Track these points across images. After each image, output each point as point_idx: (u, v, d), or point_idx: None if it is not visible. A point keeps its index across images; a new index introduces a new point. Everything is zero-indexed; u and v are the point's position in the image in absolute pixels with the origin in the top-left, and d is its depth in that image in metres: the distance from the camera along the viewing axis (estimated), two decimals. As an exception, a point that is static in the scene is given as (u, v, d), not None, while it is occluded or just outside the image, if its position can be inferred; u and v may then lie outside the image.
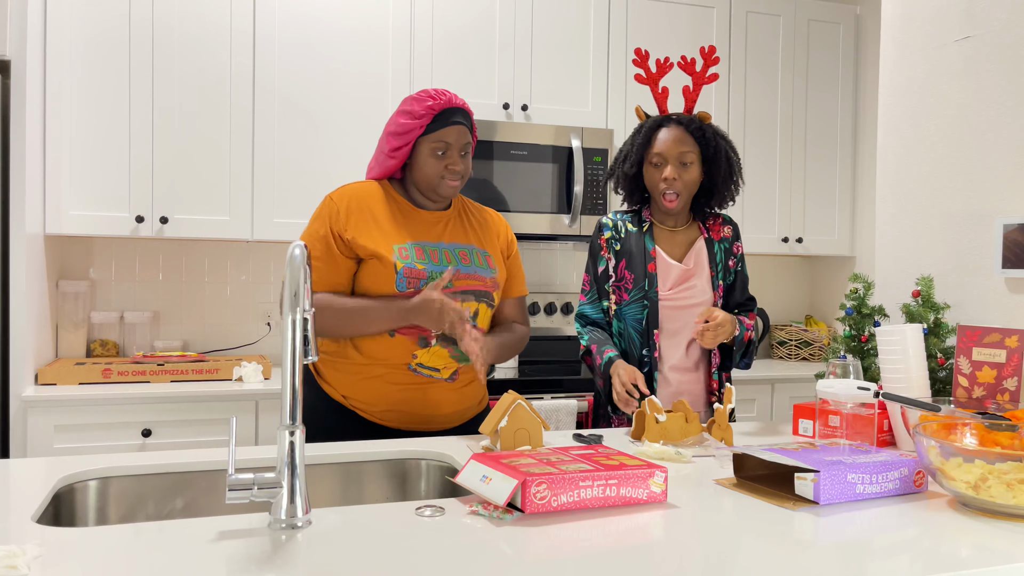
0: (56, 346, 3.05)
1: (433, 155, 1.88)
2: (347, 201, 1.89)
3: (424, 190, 1.93)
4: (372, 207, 1.89)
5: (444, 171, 1.89)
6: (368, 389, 1.90)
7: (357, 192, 1.91)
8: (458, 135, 1.89)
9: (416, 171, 1.91)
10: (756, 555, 1.13)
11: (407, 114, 1.88)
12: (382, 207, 1.90)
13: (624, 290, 2.18)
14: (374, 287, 1.85)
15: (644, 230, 2.19)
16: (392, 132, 1.90)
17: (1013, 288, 1.95)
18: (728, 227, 2.23)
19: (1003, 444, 1.46)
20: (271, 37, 3.04)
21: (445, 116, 1.87)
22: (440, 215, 1.96)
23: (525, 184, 3.27)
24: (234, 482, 1.20)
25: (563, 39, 3.42)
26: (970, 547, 1.19)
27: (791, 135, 3.77)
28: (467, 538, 1.19)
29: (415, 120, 1.87)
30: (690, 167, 2.10)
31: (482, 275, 1.95)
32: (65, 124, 2.84)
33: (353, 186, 1.93)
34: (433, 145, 1.88)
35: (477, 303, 1.93)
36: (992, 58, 2.02)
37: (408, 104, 1.90)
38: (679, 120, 2.12)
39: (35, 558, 1.06)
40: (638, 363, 2.16)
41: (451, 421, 1.97)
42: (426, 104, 1.86)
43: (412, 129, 1.87)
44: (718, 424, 1.86)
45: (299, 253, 1.27)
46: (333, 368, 1.92)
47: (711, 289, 2.17)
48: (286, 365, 1.24)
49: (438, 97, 1.87)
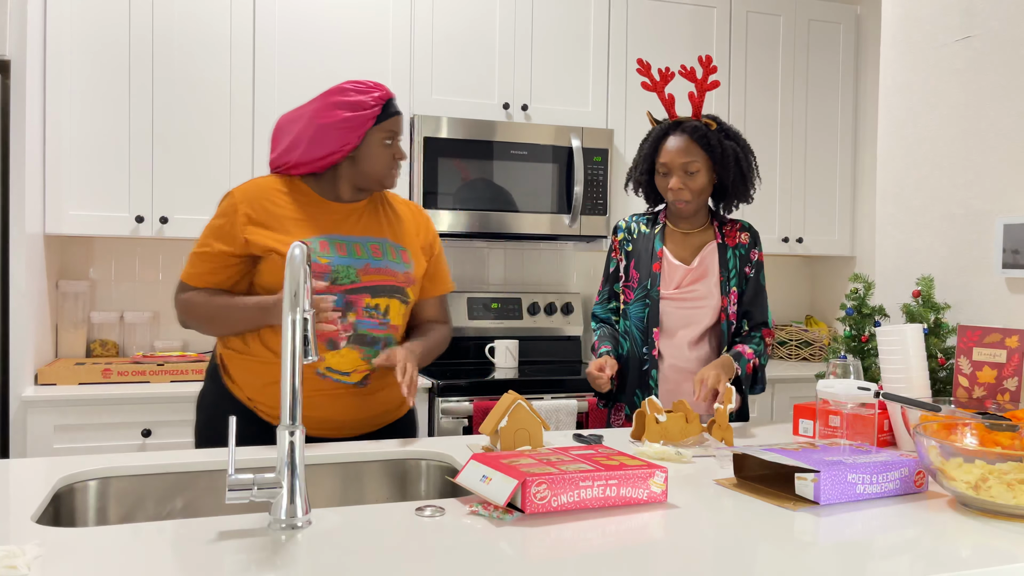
0: (56, 346, 3.05)
1: (382, 145, 1.87)
2: (249, 198, 1.84)
3: (369, 182, 1.89)
4: (276, 202, 1.85)
5: (392, 160, 1.89)
6: (274, 394, 1.83)
7: (260, 187, 1.87)
8: (401, 124, 1.92)
9: (364, 161, 1.87)
10: (756, 555, 1.13)
11: (354, 106, 1.84)
12: (287, 202, 1.86)
13: (630, 289, 2.20)
14: (275, 283, 1.82)
15: (656, 231, 2.21)
16: (336, 126, 1.83)
17: (1013, 288, 1.95)
18: (746, 234, 2.20)
19: (1003, 444, 1.46)
20: (271, 37, 3.04)
21: (390, 105, 1.88)
22: (353, 207, 1.92)
23: (525, 184, 3.27)
24: (234, 482, 1.20)
25: (563, 39, 3.42)
26: (970, 547, 1.19)
27: (791, 135, 3.77)
28: (467, 538, 1.18)
29: (366, 111, 1.84)
30: (696, 175, 2.10)
31: (394, 270, 1.90)
32: (65, 124, 2.84)
33: (256, 182, 1.89)
34: (383, 135, 1.87)
35: (388, 299, 1.88)
36: (992, 58, 2.02)
37: (347, 96, 1.85)
38: (684, 128, 2.11)
39: (35, 558, 1.06)
40: (639, 361, 2.16)
41: (363, 427, 1.90)
42: (374, 95, 1.85)
43: (366, 121, 1.84)
44: (718, 424, 1.86)
45: (299, 253, 1.27)
46: (241, 367, 1.86)
47: (719, 293, 2.15)
48: (286, 365, 1.24)
49: (379, 87, 1.87)
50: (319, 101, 1.87)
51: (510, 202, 3.25)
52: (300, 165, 1.88)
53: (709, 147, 2.09)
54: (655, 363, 2.15)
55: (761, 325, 2.20)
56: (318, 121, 1.85)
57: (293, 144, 1.88)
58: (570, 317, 3.67)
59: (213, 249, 1.83)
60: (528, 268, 3.74)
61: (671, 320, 2.16)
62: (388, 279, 1.88)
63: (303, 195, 1.88)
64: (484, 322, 3.54)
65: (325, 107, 1.85)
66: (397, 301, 1.89)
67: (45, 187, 2.81)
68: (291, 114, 1.92)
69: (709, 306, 2.15)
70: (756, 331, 2.19)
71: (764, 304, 2.21)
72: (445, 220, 3.18)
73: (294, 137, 1.88)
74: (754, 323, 2.20)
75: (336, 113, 1.84)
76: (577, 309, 3.69)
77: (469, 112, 3.28)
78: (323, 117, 1.85)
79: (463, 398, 2.94)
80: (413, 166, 3.19)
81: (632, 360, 2.18)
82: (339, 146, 1.84)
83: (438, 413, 2.91)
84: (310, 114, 1.86)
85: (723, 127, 2.13)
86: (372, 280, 1.85)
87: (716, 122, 2.13)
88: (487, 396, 2.97)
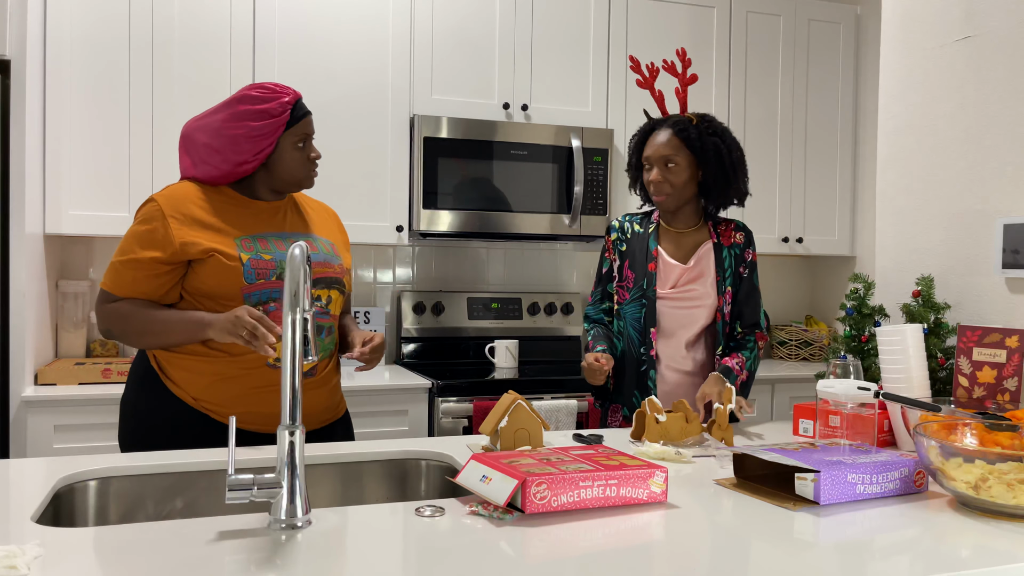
0: (56, 346, 3.05)
1: (295, 148, 1.87)
2: (175, 202, 1.81)
3: (286, 185, 1.89)
4: (201, 206, 1.82)
5: (307, 162, 1.89)
6: (222, 391, 1.80)
7: (183, 192, 1.84)
8: (312, 124, 1.91)
9: (279, 166, 1.87)
10: (756, 555, 1.13)
11: (262, 114, 1.82)
12: (212, 205, 1.84)
13: (625, 289, 2.20)
14: (220, 286, 1.78)
15: (651, 230, 2.21)
16: (246, 136, 1.82)
17: (1013, 288, 1.95)
18: (740, 234, 2.21)
19: (1003, 444, 1.46)
20: (271, 37, 3.04)
21: (298, 108, 1.87)
22: (277, 205, 1.92)
23: (525, 184, 3.27)
24: (234, 482, 1.20)
25: (563, 39, 3.42)
26: (970, 547, 1.19)
27: (791, 135, 3.77)
28: (467, 538, 1.18)
29: (276, 118, 1.83)
30: (675, 169, 2.11)
31: (331, 262, 1.92)
32: (65, 124, 2.84)
33: (178, 186, 1.85)
34: (295, 138, 1.87)
35: (329, 290, 1.90)
36: (992, 58, 2.02)
37: (252, 104, 1.83)
38: (667, 123, 2.15)
39: (35, 558, 1.06)
40: (636, 361, 2.16)
41: (311, 423, 1.90)
42: (282, 100, 1.84)
43: (277, 128, 1.83)
44: (718, 424, 1.86)
45: (299, 253, 1.27)
46: (181, 368, 1.81)
47: (715, 293, 2.15)
48: (285, 365, 1.24)
49: (286, 91, 1.86)
50: (225, 110, 1.85)
51: (510, 202, 3.25)
52: (215, 178, 1.87)
53: (688, 141, 2.10)
54: (653, 364, 2.15)
55: (754, 327, 2.20)
56: (227, 132, 1.83)
57: (204, 157, 1.86)
58: (570, 317, 3.67)
59: (141, 257, 1.77)
60: (528, 268, 3.74)
61: (668, 320, 2.16)
62: (327, 271, 1.90)
63: (225, 197, 1.87)
64: (484, 322, 3.54)
65: (232, 117, 1.83)
66: (336, 291, 1.92)
67: (45, 187, 2.81)
68: (197, 121, 1.89)
69: (706, 306, 2.15)
70: (750, 333, 2.20)
71: (757, 305, 2.21)
72: (445, 220, 3.18)
73: (203, 149, 1.86)
74: (746, 324, 2.20)
75: (244, 124, 1.82)
76: (577, 309, 3.69)
77: (469, 112, 3.28)
78: (232, 128, 1.83)
79: (463, 398, 2.94)
80: (413, 166, 3.19)
81: (629, 361, 2.18)
82: (252, 156, 1.84)
83: (438, 413, 2.91)
84: (218, 125, 1.84)
85: (708, 123, 2.14)
86: (314, 273, 1.86)
87: (700, 118, 2.14)
88: (487, 396, 2.96)
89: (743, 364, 2.12)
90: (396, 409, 2.92)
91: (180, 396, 1.81)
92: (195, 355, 1.80)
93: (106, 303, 1.82)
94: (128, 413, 1.87)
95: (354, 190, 3.15)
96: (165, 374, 1.83)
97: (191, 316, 1.77)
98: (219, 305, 1.79)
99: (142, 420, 1.84)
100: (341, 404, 2.02)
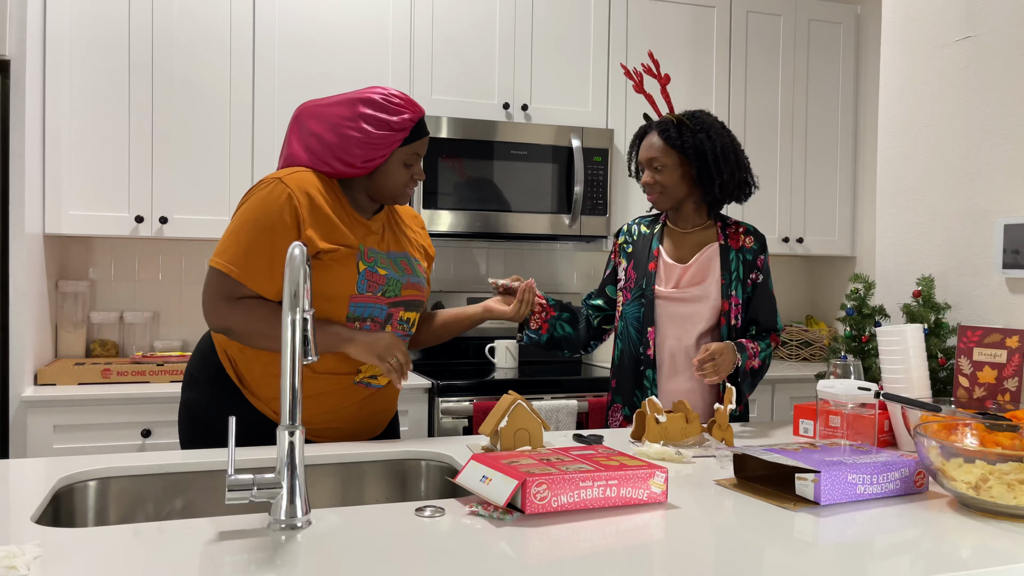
0: (56, 346, 3.05)
1: (404, 165, 1.82)
2: (305, 189, 1.73)
3: (383, 198, 1.84)
4: (326, 200, 1.76)
5: (410, 181, 1.84)
6: (311, 407, 1.78)
7: (311, 181, 1.75)
8: (426, 146, 1.86)
9: (384, 179, 1.82)
10: (757, 555, 1.13)
11: (383, 124, 1.76)
12: (331, 203, 1.77)
13: (628, 290, 2.21)
14: (330, 290, 1.72)
15: (656, 231, 2.23)
16: (361, 141, 1.76)
17: (1013, 288, 1.95)
18: (751, 238, 2.18)
19: (1004, 444, 1.46)
20: (271, 37, 3.04)
21: (420, 127, 1.82)
22: (376, 221, 1.87)
23: (525, 184, 3.27)
24: (234, 482, 1.20)
25: (563, 39, 3.41)
26: (971, 547, 1.19)
27: (791, 135, 3.77)
28: (467, 538, 1.18)
29: (395, 132, 1.77)
30: (663, 170, 2.13)
31: (420, 284, 1.90)
32: (65, 124, 2.84)
33: (305, 175, 1.76)
34: (407, 157, 1.82)
35: (415, 312, 1.90)
36: (992, 58, 2.02)
37: (378, 111, 1.77)
38: (654, 126, 2.17)
39: (34, 558, 1.06)
40: (635, 361, 2.16)
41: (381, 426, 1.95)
42: (404, 117, 1.78)
43: (393, 142, 1.78)
44: (718, 424, 1.85)
45: (299, 253, 1.27)
46: (266, 386, 1.78)
47: (720, 296, 2.13)
48: (285, 365, 1.24)
49: (412, 107, 1.80)
50: (345, 106, 1.78)
51: (510, 202, 3.25)
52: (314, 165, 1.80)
53: (670, 140, 2.12)
54: (651, 363, 2.15)
55: (770, 331, 2.19)
56: (342, 130, 1.77)
57: (311, 145, 1.79)
58: (570, 317, 3.67)
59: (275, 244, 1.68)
60: (528, 268, 3.73)
61: (667, 319, 2.15)
62: (417, 294, 1.90)
63: (339, 198, 1.80)
64: (484, 322, 3.53)
65: (352, 116, 1.77)
66: (417, 313, 1.93)
67: (45, 187, 2.81)
68: (314, 107, 1.82)
69: (707, 306, 2.13)
70: (766, 336, 2.18)
71: (773, 310, 2.19)
72: (445, 220, 3.18)
73: (312, 138, 1.79)
74: (762, 329, 2.18)
75: (362, 127, 1.76)
76: (577, 309, 3.69)
77: (469, 112, 3.28)
78: (348, 127, 1.76)
79: (463, 398, 2.94)
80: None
81: (629, 360, 2.18)
82: (360, 162, 1.78)
83: (438, 413, 2.91)
84: (335, 119, 1.78)
85: (695, 121, 2.13)
86: (408, 295, 1.87)
87: (690, 116, 2.14)
88: (487, 396, 2.96)
89: (758, 351, 2.11)
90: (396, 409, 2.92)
91: (261, 409, 1.79)
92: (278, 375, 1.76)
93: (231, 297, 1.70)
94: (197, 416, 1.82)
95: (354, 190, 3.15)
96: (244, 384, 1.79)
97: (328, 327, 1.72)
98: (319, 309, 1.74)
99: (215, 425, 1.79)
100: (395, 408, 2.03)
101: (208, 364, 1.83)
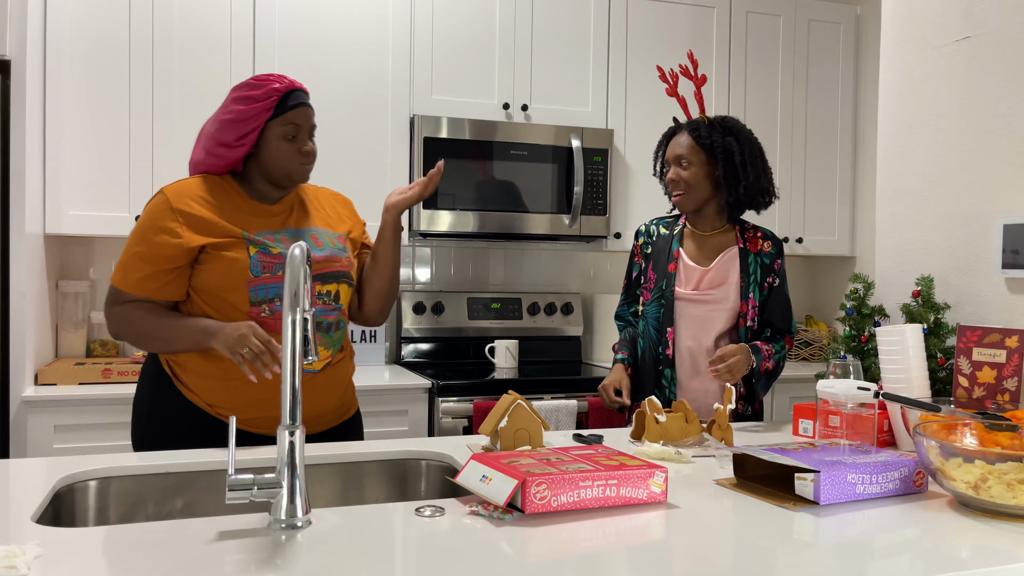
0: (56, 346, 3.05)
1: (284, 139, 1.82)
2: (183, 196, 1.79)
3: (276, 177, 1.85)
4: (208, 200, 1.81)
5: (297, 154, 1.84)
6: (237, 396, 1.79)
7: (191, 187, 1.82)
8: (306, 116, 1.85)
9: (266, 158, 1.83)
10: (756, 555, 1.13)
11: (247, 100, 1.80)
12: (218, 200, 1.82)
13: (648, 290, 2.24)
14: (226, 280, 1.76)
15: (675, 232, 2.25)
16: (231, 120, 1.81)
17: (1013, 288, 1.95)
18: (768, 242, 2.21)
19: (1003, 444, 1.46)
20: (271, 37, 3.04)
21: (291, 98, 1.82)
22: (281, 206, 1.89)
23: (525, 184, 3.27)
24: (234, 482, 1.20)
25: (563, 39, 3.42)
26: (970, 547, 1.19)
27: (791, 135, 3.77)
28: (467, 538, 1.18)
29: (259, 103, 1.79)
30: (689, 168, 2.15)
31: (339, 256, 1.89)
32: (65, 124, 2.84)
33: (186, 182, 1.84)
34: (283, 129, 1.82)
35: (338, 284, 1.88)
36: (992, 58, 2.02)
37: (243, 91, 1.81)
38: (685, 126, 2.20)
39: (35, 558, 1.06)
40: (654, 360, 2.17)
41: (328, 421, 1.91)
42: (270, 87, 1.80)
43: (258, 113, 1.79)
44: (718, 424, 1.86)
45: (299, 253, 1.27)
46: (194, 374, 1.80)
47: (739, 298, 2.16)
48: (285, 365, 1.24)
49: (280, 80, 1.82)
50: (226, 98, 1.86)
51: (510, 202, 3.25)
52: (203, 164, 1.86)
53: (700, 139, 2.15)
54: (669, 363, 2.17)
55: (784, 333, 2.21)
56: (219, 117, 1.84)
57: (203, 143, 1.87)
58: (570, 317, 3.67)
59: (149, 252, 1.76)
60: (528, 268, 3.74)
61: (686, 321, 2.18)
62: (334, 265, 1.88)
63: (231, 193, 1.85)
64: (484, 322, 3.54)
65: (226, 103, 1.84)
66: (345, 285, 1.91)
67: (45, 187, 2.81)
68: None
69: (726, 309, 2.16)
70: (780, 339, 2.19)
71: (788, 313, 2.21)
72: (445, 220, 3.18)
73: (203, 136, 1.88)
74: (776, 331, 2.20)
75: (233, 108, 1.82)
76: (577, 309, 3.69)
77: (469, 112, 3.28)
78: (222, 112, 1.83)
79: (463, 398, 2.94)
80: (413, 166, 3.19)
81: (649, 359, 2.20)
82: (234, 140, 1.81)
83: (438, 413, 2.91)
84: (216, 112, 1.87)
85: (725, 124, 2.17)
86: (320, 268, 1.85)
87: (718, 120, 2.18)
88: (487, 396, 2.97)
89: (772, 353, 2.13)
90: (396, 409, 2.92)
91: (194, 401, 1.81)
92: (206, 359, 1.79)
93: (116, 304, 1.80)
94: (141, 414, 1.86)
95: (354, 190, 3.15)
96: (178, 379, 1.83)
97: (197, 324, 1.75)
98: (223, 300, 1.78)
99: (156, 422, 1.83)
100: (353, 404, 2.00)
101: (152, 360, 1.89)
